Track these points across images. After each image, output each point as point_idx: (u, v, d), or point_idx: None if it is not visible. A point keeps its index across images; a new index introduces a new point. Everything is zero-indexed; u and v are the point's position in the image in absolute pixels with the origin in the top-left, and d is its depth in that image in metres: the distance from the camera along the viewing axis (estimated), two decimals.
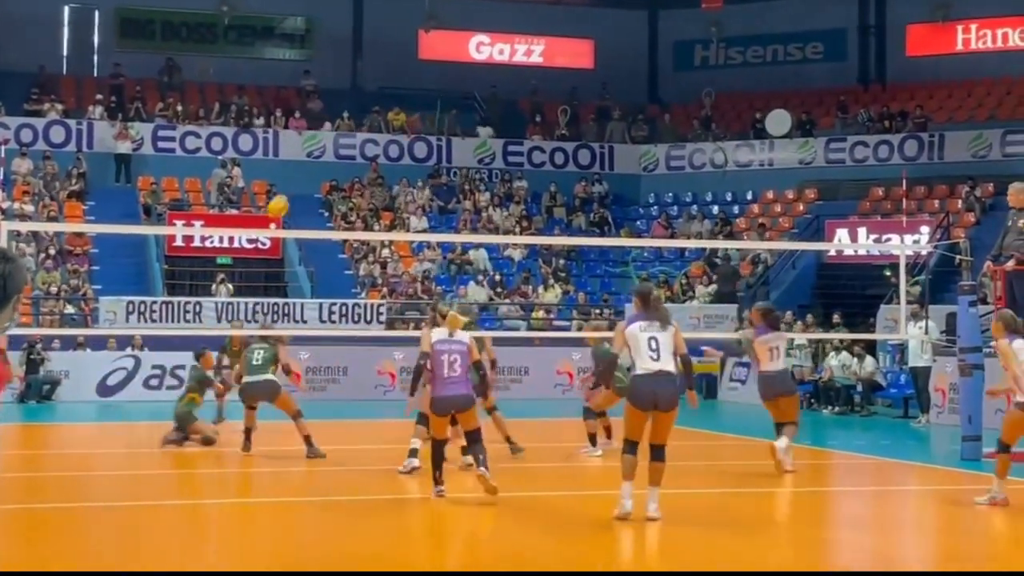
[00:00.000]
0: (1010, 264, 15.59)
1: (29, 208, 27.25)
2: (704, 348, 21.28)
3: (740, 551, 8.96)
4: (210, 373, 15.65)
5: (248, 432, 14.25)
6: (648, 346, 9.64)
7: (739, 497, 11.77)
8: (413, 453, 12.48)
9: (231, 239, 27.73)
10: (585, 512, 10.55)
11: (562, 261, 29.56)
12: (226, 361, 16.72)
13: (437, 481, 10.82)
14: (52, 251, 26.30)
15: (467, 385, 10.82)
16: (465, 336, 10.95)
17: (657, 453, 9.70)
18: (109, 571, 8.08)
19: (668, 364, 9.65)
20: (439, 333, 10.98)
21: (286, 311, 24.81)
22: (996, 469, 10.91)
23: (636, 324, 9.78)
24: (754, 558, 8.73)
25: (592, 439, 14.44)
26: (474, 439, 10.87)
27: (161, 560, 8.56)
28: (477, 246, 28.99)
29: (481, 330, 13.91)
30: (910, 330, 18.53)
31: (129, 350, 23.26)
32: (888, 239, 26.77)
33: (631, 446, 9.74)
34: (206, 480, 13.07)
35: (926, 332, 18.73)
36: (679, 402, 9.73)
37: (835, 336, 22.48)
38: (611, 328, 19.47)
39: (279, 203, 16.84)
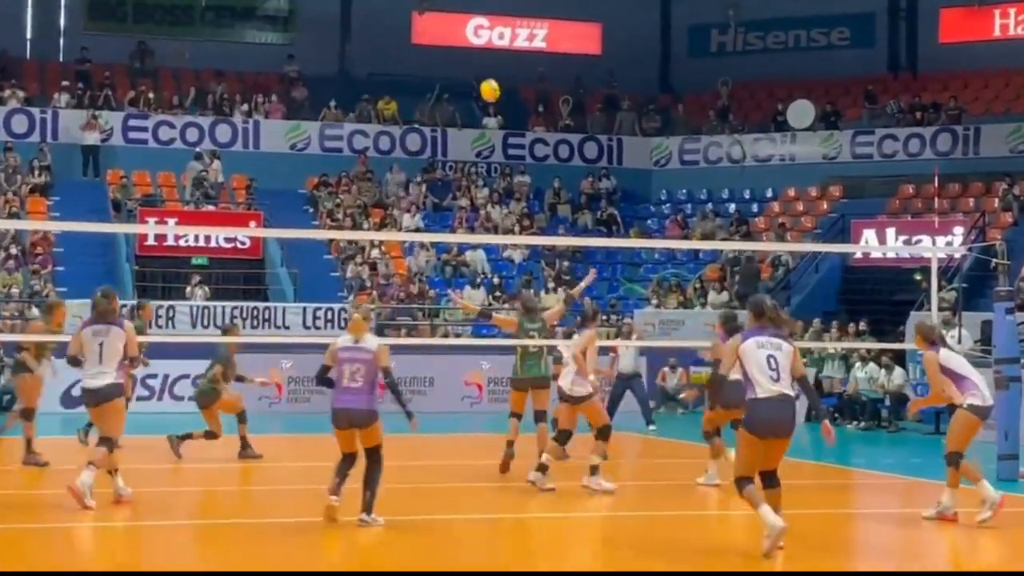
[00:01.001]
0: None
1: None
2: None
3: None
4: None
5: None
6: (768, 365, 9.27)
7: (755, 519, 11.79)
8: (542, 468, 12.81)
9: (207, 238, 27.73)
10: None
11: (566, 263, 29.57)
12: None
13: (332, 490, 10.61)
14: (14, 250, 26.32)
15: (368, 398, 10.61)
16: (373, 343, 10.74)
17: (771, 479, 9.48)
18: (109, 571, 8.12)
19: (788, 387, 9.34)
20: (344, 340, 10.76)
21: (267, 316, 24.83)
22: (948, 480, 11.24)
23: (752, 340, 9.42)
24: None
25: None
26: (372, 460, 10.68)
27: None
28: (474, 246, 29.01)
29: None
30: None
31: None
32: (919, 241, 26.82)
33: (745, 481, 9.41)
34: (170, 499, 13.08)
35: (959, 341, 18.72)
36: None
37: (861, 345, 22.50)
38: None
39: (490, 86, 16.66)
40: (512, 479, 14.06)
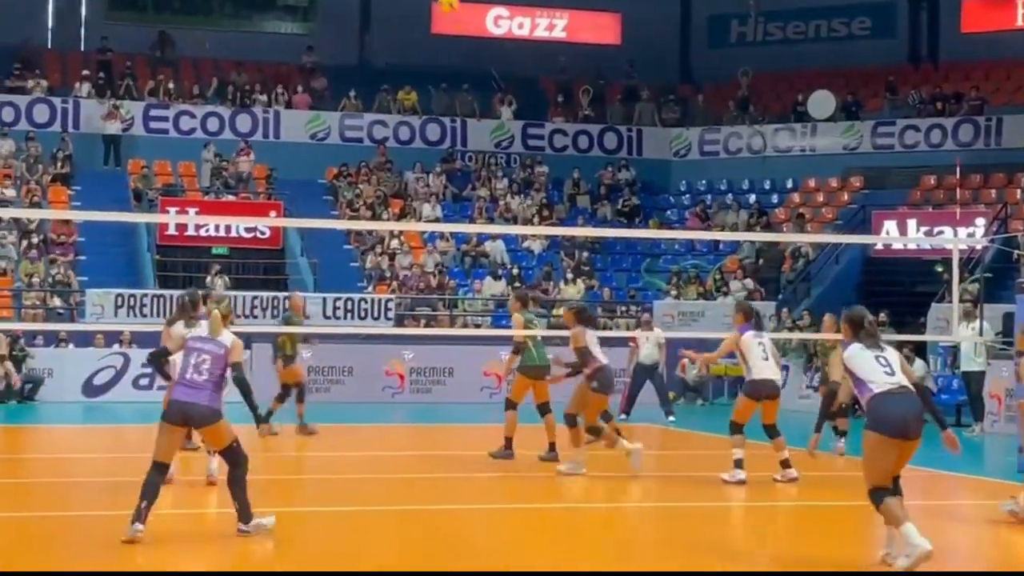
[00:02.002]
0: None
1: (11, 193, 27.39)
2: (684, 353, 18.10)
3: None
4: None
5: None
6: (878, 363, 8.86)
7: (774, 511, 11.79)
8: (739, 464, 12.66)
9: (228, 228, 27.78)
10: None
11: (586, 254, 29.56)
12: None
13: (137, 516, 9.19)
14: (35, 239, 26.43)
15: (211, 395, 9.39)
16: (228, 338, 9.61)
17: (897, 486, 8.71)
18: (110, 571, 8.15)
19: (905, 381, 8.83)
20: (199, 330, 9.84)
21: (287, 306, 24.83)
22: None
23: (855, 344, 8.99)
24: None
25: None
26: (229, 461, 9.51)
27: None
28: (494, 237, 29.02)
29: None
30: (963, 331, 18.47)
31: (117, 347, 23.34)
32: (940, 232, 26.73)
33: (881, 493, 8.58)
34: (200, 488, 13.11)
35: (980, 333, 18.68)
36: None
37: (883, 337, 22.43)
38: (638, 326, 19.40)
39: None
40: (535, 468, 14.06)
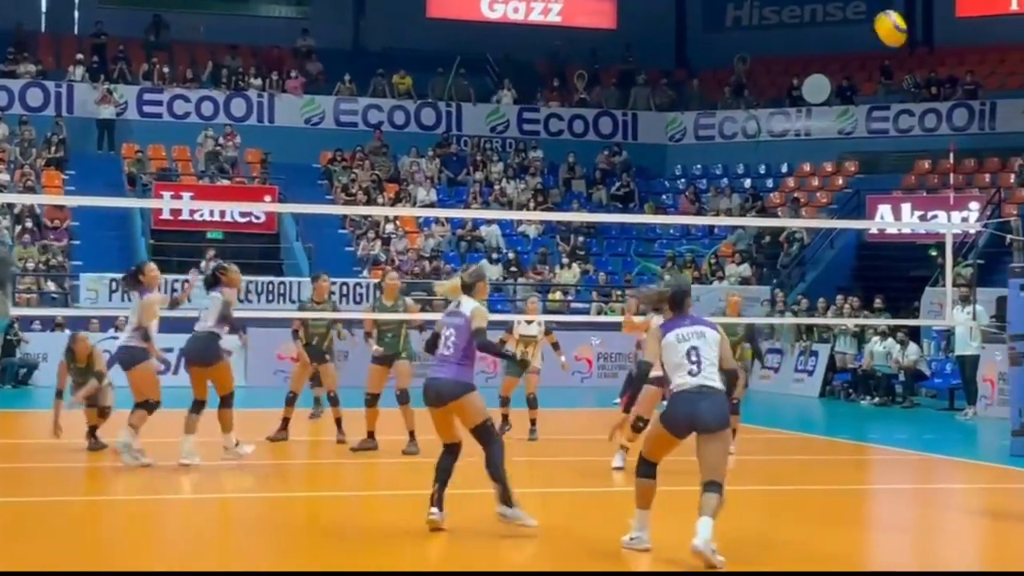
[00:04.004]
0: None
1: (4, 177, 27.37)
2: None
3: (761, 555, 9.03)
4: None
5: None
6: (687, 357, 8.58)
7: (768, 495, 11.85)
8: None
9: (223, 212, 27.80)
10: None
11: (581, 238, 29.59)
12: None
13: (432, 501, 9.40)
14: (29, 224, 26.42)
15: (456, 369, 9.35)
16: (468, 307, 9.40)
17: (707, 486, 8.49)
18: (108, 571, 8.21)
19: (711, 379, 8.61)
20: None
21: (282, 290, 24.93)
22: None
23: (672, 333, 8.67)
24: (776, 561, 8.81)
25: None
26: (484, 442, 9.47)
27: (151, 559, 8.66)
28: (489, 221, 29.04)
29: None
30: (957, 315, 18.57)
31: (112, 332, 23.28)
32: (934, 216, 26.79)
33: (647, 467, 8.74)
34: (202, 474, 13.17)
35: (974, 317, 18.77)
36: (728, 424, 8.68)
37: (875, 322, 22.51)
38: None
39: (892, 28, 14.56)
40: (548, 453, 14.11)
